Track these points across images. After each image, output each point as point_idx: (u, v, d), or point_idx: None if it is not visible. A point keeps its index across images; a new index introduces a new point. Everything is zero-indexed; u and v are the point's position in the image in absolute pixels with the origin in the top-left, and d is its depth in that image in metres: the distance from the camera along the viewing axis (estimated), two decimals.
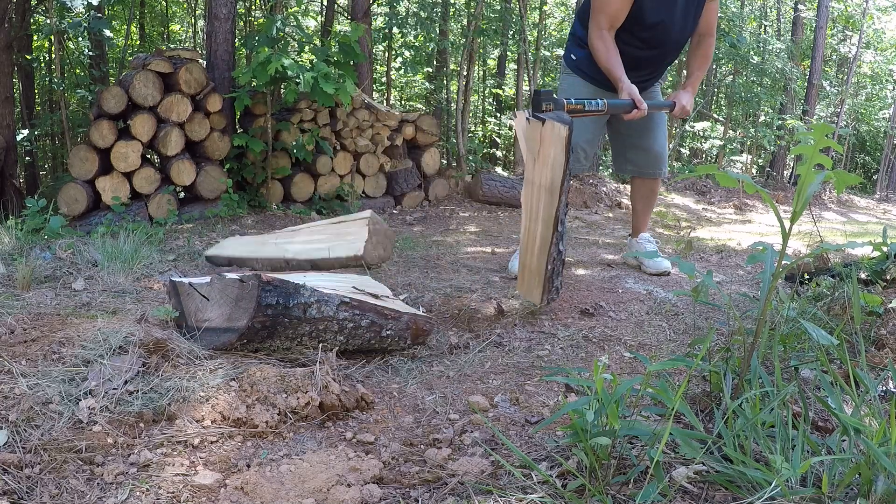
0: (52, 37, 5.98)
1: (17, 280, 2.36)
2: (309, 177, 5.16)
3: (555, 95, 2.32)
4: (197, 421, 1.46)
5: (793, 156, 10.99)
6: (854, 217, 8.36)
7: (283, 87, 4.79)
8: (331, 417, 1.57)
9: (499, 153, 10.52)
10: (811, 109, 11.42)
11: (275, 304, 1.71)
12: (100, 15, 5.59)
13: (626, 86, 2.65)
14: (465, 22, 9.51)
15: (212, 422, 1.47)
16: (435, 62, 8.62)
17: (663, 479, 1.13)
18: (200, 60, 4.85)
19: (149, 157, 4.73)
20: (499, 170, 8.55)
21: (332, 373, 1.64)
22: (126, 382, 1.56)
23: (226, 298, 1.72)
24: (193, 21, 10.87)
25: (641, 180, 3.25)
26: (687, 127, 10.37)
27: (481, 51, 10.14)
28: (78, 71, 8.30)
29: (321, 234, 2.61)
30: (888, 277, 2.34)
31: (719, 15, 8.94)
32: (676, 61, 8.97)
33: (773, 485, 1.05)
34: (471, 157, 7.72)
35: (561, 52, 10.54)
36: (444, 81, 8.40)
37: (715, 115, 11.41)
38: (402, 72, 9.49)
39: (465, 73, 7.29)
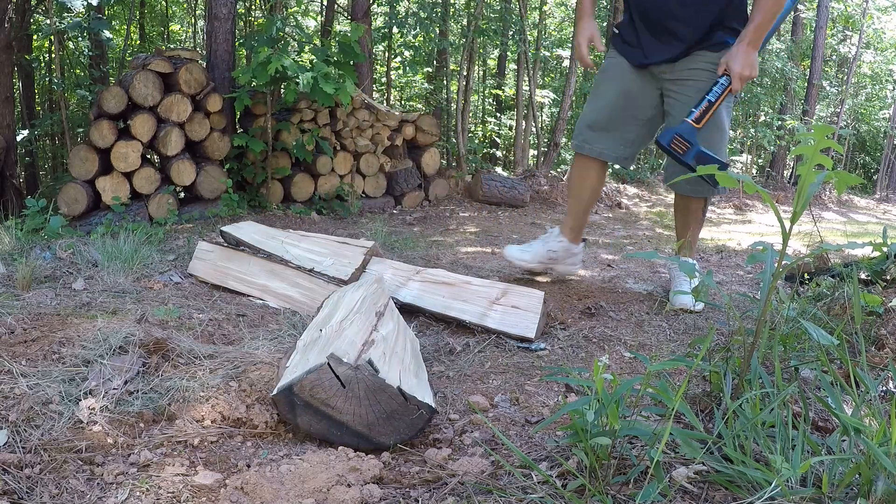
0: (52, 37, 5.98)
1: (17, 280, 2.36)
2: (309, 177, 5.16)
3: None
4: (197, 421, 1.46)
5: (793, 156, 10.99)
6: (854, 217, 8.36)
7: (283, 87, 4.78)
8: None
9: (499, 153, 10.52)
10: (811, 109, 11.43)
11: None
12: (100, 15, 5.59)
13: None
14: (465, 22, 9.51)
15: (212, 422, 1.47)
16: (435, 62, 8.62)
17: (663, 479, 1.13)
18: (200, 60, 4.85)
19: (149, 157, 4.73)
20: (499, 170, 8.54)
21: None
22: (126, 382, 1.56)
23: (372, 402, 1.42)
24: (193, 21, 10.87)
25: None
26: None
27: (481, 51, 10.14)
28: (78, 71, 8.30)
29: (323, 247, 2.65)
30: (888, 277, 2.34)
31: None
32: None
33: (773, 485, 1.05)
34: (471, 157, 7.72)
35: (560, 51, 10.55)
36: (444, 81, 8.40)
37: None
38: (402, 72, 9.49)
39: (465, 73, 7.29)
